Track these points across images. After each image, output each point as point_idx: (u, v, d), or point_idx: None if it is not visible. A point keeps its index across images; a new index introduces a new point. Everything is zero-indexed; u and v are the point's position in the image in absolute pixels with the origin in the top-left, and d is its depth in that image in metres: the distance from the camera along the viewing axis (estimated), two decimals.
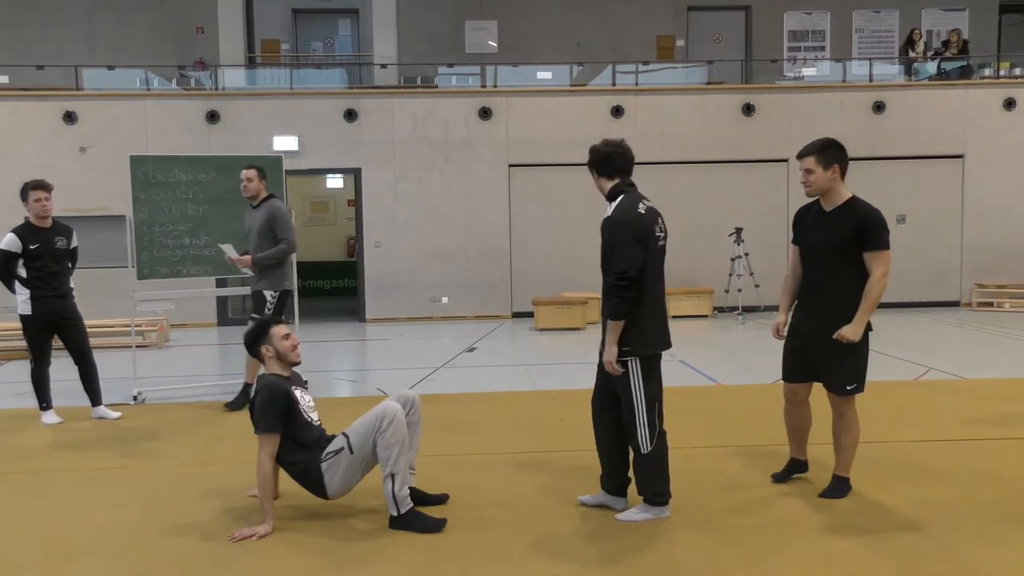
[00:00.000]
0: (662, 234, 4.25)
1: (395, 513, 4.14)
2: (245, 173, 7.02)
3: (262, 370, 4.57)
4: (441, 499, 4.52)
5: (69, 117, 13.04)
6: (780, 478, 4.82)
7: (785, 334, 4.68)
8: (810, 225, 4.53)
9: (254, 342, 4.50)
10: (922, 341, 10.59)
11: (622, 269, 4.05)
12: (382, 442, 4.11)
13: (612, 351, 4.13)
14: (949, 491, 4.62)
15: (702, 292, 13.34)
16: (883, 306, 13.88)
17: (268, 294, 7.02)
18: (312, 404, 4.48)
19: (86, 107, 13.14)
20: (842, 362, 4.36)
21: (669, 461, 4.24)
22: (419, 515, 4.19)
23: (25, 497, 4.86)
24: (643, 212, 4.20)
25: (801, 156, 4.46)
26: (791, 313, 4.69)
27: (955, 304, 13.88)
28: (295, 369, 4.58)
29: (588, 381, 4.48)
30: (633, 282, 4.07)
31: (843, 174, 4.45)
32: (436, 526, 4.15)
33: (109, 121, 13.05)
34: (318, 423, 4.42)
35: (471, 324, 12.96)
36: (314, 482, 4.27)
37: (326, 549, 3.97)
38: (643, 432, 4.15)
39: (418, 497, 4.36)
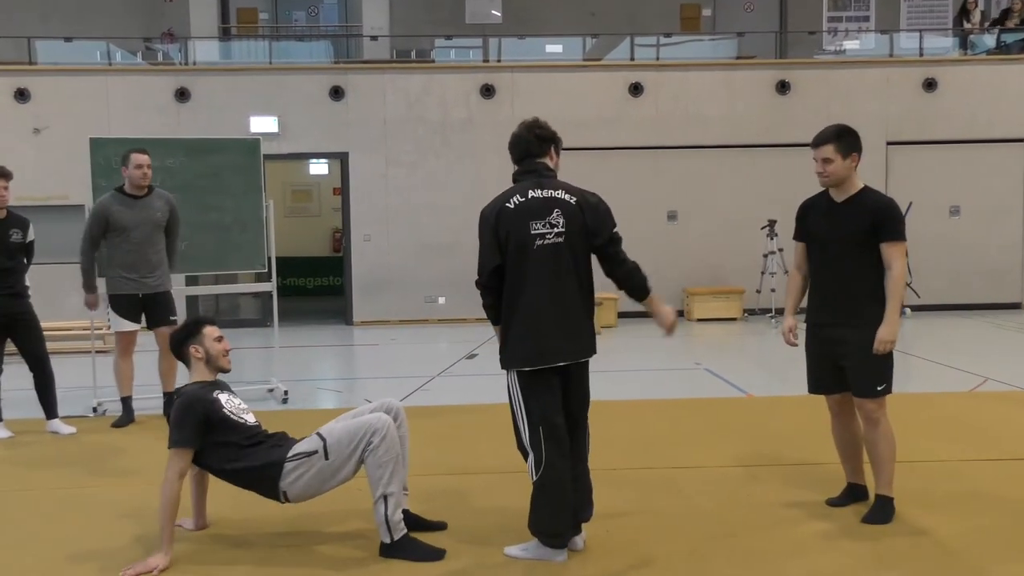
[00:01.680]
0: (549, 230, 4.06)
1: (387, 540, 4.15)
2: (144, 159, 6.88)
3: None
4: (439, 526, 4.53)
5: (21, 95, 13.10)
6: (836, 503, 4.82)
7: (797, 340, 4.79)
8: (820, 218, 4.65)
9: (183, 341, 4.49)
10: (978, 347, 10.60)
11: (477, 273, 4.14)
12: (373, 460, 4.10)
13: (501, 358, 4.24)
14: (1004, 517, 4.64)
15: (731, 292, 13.36)
16: (934, 308, 13.92)
17: (171, 294, 7.20)
18: (244, 406, 4.46)
19: (40, 83, 13.21)
20: (868, 361, 4.45)
21: (566, 499, 4.07)
22: (414, 542, 4.20)
23: None
24: (512, 207, 4.09)
25: (818, 144, 4.55)
26: (807, 318, 4.75)
27: (1015, 306, 13.88)
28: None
29: (597, 391, 4.51)
30: (486, 288, 4.13)
31: (859, 160, 4.58)
32: (434, 555, 4.16)
33: (66, 99, 13.10)
34: (255, 423, 4.40)
35: (471, 328, 12.95)
36: (267, 484, 4.21)
37: None
38: (529, 457, 4.10)
39: (413, 522, 4.37)
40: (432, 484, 5.26)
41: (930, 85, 13.76)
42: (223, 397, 4.37)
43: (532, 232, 4.06)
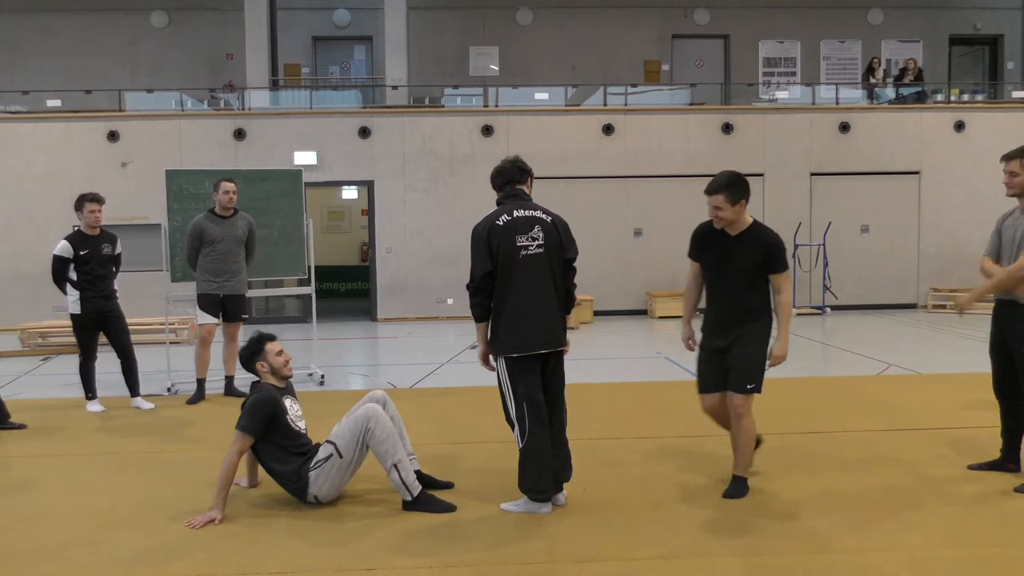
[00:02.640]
0: (532, 243, 4.08)
1: (408, 498, 4.17)
2: (231, 186, 6.95)
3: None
4: (447, 485, 4.53)
5: (112, 136, 13.07)
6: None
7: (695, 346, 4.55)
8: (715, 247, 4.36)
9: (251, 358, 4.43)
10: (883, 340, 10.62)
11: (469, 278, 4.13)
12: (375, 442, 4.12)
13: (479, 349, 4.27)
14: (902, 475, 4.66)
15: None
16: (849, 308, 13.89)
17: (246, 296, 7.25)
18: (300, 414, 4.45)
19: (127, 126, 13.17)
20: (743, 363, 4.26)
21: (547, 461, 4.05)
22: (431, 497, 4.22)
23: (71, 476, 4.90)
24: (501, 224, 4.09)
25: (710, 193, 4.22)
26: (701, 330, 4.51)
27: (912, 306, 13.91)
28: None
29: (576, 376, 4.51)
30: (477, 290, 4.12)
31: (746, 203, 4.28)
32: (447, 508, 4.18)
33: (148, 139, 13.07)
34: (304, 432, 4.39)
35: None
36: (300, 489, 4.24)
37: (336, 534, 3.99)
38: (515, 428, 4.10)
39: (426, 481, 4.38)
40: (441, 450, 5.27)
41: (844, 128, 13.79)
42: (287, 402, 4.37)
43: (518, 244, 4.08)
